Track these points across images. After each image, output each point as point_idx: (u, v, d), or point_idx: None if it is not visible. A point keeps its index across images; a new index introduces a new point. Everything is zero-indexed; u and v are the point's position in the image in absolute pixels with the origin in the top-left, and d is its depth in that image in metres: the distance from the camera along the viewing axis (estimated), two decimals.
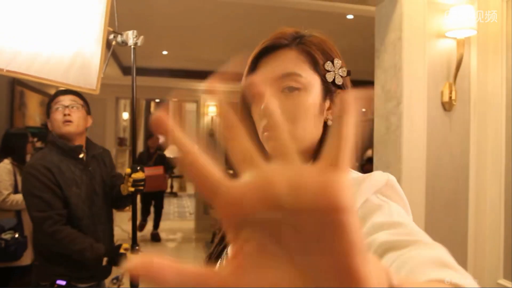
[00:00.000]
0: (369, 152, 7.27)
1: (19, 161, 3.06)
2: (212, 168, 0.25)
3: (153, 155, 6.31)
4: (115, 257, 1.92)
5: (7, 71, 1.61)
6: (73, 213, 1.87)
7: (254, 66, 0.76)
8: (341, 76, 0.76)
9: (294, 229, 0.22)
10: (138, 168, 1.99)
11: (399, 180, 2.49)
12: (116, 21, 1.96)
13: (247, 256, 0.23)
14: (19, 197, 2.97)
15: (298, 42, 0.74)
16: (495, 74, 2.37)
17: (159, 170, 5.73)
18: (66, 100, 1.92)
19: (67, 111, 1.90)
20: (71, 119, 1.91)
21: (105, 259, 1.88)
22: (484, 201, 2.39)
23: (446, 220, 2.33)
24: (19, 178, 3.05)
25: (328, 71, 0.74)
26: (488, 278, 2.37)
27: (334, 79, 0.75)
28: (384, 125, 2.42)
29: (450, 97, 2.29)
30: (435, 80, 2.30)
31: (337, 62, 0.75)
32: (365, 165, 6.58)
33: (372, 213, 0.58)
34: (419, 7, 2.28)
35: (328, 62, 0.74)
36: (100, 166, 2.05)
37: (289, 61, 0.73)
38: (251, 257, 0.23)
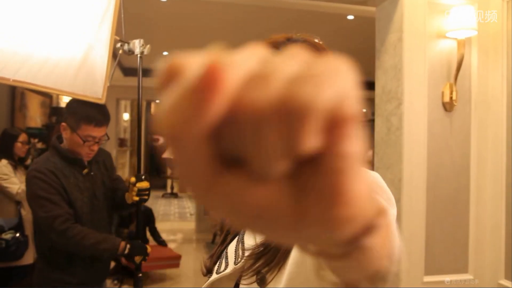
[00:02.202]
0: (369, 153, 7.25)
1: (13, 160, 3.10)
2: None
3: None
4: (136, 247, 1.91)
5: (14, 80, 1.60)
6: (76, 218, 1.85)
7: None
8: None
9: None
10: (143, 177, 1.98)
11: (400, 180, 2.49)
12: (123, 30, 1.96)
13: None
14: (18, 187, 3.01)
15: None
16: (495, 74, 2.37)
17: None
18: (99, 134, 1.87)
19: (94, 147, 1.88)
20: (94, 152, 1.90)
21: (127, 246, 1.85)
22: (484, 201, 2.39)
23: (447, 220, 2.33)
24: (18, 174, 3.09)
25: None
26: (489, 278, 2.36)
27: None
28: (385, 125, 2.43)
29: (451, 98, 2.29)
30: (436, 80, 2.30)
31: None
32: None
33: None
34: (419, 8, 2.28)
35: None
36: (101, 170, 2.03)
37: None
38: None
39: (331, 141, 0.18)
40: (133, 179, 1.97)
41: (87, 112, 1.84)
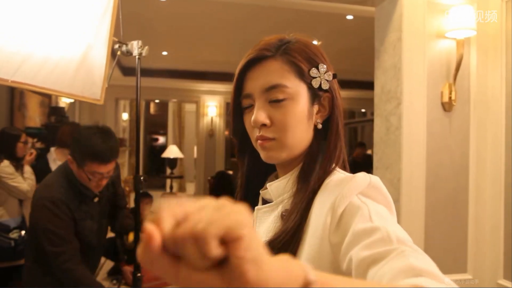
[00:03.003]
0: (369, 151, 7.25)
1: (14, 160, 3.10)
2: None
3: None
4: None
5: (12, 81, 1.59)
6: (83, 245, 1.84)
7: (241, 78, 0.78)
8: (327, 80, 0.76)
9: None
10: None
11: (399, 180, 2.49)
12: (121, 31, 1.96)
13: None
14: (29, 180, 3.05)
15: (282, 51, 0.75)
16: (494, 74, 2.37)
17: None
18: (106, 170, 1.78)
19: (102, 182, 1.83)
20: (102, 186, 1.86)
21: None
22: (484, 201, 2.39)
23: (446, 220, 2.33)
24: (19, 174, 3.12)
25: (314, 77, 0.75)
26: (488, 278, 2.36)
27: (320, 84, 0.75)
28: (384, 125, 2.42)
29: (450, 98, 2.29)
30: (435, 80, 2.30)
31: (322, 67, 0.76)
32: (357, 148, 6.38)
33: (353, 218, 0.62)
34: (419, 8, 2.28)
35: (313, 68, 0.75)
36: (109, 189, 2.01)
37: (274, 73, 0.74)
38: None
39: (230, 249, 0.30)
40: (131, 238, 1.97)
41: (92, 148, 1.74)
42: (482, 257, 2.38)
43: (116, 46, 2.01)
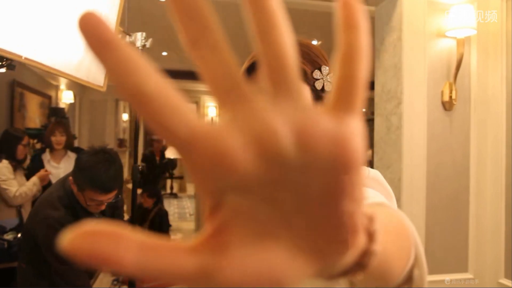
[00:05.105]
0: (369, 153, 7.23)
1: (13, 160, 3.09)
2: (181, 103, 0.18)
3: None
4: None
5: (25, 58, 1.60)
6: None
7: None
8: (330, 82, 0.76)
9: (294, 191, 0.18)
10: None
11: (399, 180, 2.48)
12: (126, 22, 1.99)
13: (234, 229, 0.18)
14: (25, 188, 3.00)
15: None
16: (495, 73, 2.37)
17: None
18: (106, 198, 1.74)
19: (101, 207, 1.81)
20: (102, 208, 1.84)
21: None
22: (484, 200, 2.39)
23: (447, 220, 2.33)
24: (17, 175, 3.09)
25: (317, 79, 0.75)
26: (489, 277, 2.36)
27: (323, 86, 0.76)
28: (385, 125, 2.42)
29: (451, 97, 2.29)
30: (435, 79, 2.30)
31: (325, 69, 0.76)
32: None
33: None
34: (419, 7, 2.27)
35: (316, 70, 0.75)
36: (111, 207, 2.03)
37: None
38: (240, 230, 0.18)
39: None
40: None
41: (93, 178, 1.69)
42: (483, 257, 2.37)
43: (120, 36, 2.03)
